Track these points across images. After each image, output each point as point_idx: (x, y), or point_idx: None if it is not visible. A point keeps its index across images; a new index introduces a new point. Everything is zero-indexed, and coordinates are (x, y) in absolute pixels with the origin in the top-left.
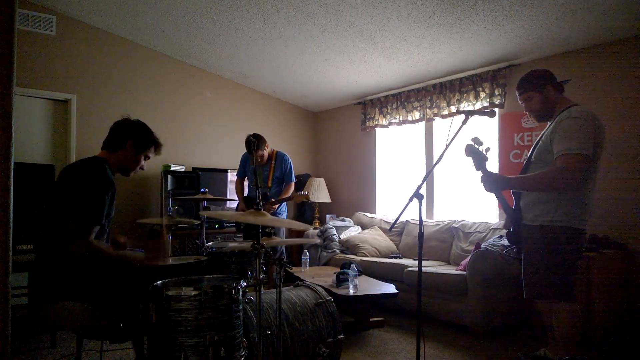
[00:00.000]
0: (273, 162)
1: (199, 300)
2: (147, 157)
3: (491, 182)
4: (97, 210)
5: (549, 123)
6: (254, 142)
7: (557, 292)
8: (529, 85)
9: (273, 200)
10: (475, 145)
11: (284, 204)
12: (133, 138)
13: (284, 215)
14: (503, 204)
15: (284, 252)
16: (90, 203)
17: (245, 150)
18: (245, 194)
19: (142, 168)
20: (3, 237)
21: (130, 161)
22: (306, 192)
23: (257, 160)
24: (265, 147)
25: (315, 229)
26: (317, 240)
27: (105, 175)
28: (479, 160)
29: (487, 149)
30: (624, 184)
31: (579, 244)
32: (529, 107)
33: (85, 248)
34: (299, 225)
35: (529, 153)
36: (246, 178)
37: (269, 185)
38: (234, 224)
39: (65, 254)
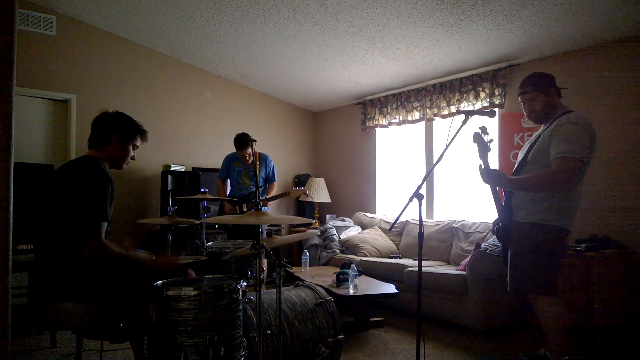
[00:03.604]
0: (258, 162)
1: (199, 300)
2: (135, 147)
3: (490, 177)
4: (102, 207)
5: (543, 126)
6: (253, 141)
7: (540, 286)
8: (534, 86)
9: (268, 197)
10: (482, 134)
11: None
12: (117, 130)
13: None
14: (496, 200)
15: (265, 228)
16: (93, 201)
17: (226, 153)
18: (227, 195)
19: (133, 158)
20: (3, 237)
21: (119, 154)
22: (302, 187)
23: (245, 158)
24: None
25: (315, 229)
26: (317, 240)
27: (102, 171)
28: (483, 149)
29: (491, 140)
30: (624, 184)
31: (564, 242)
32: (531, 107)
33: (99, 249)
34: (301, 220)
35: (525, 152)
36: (228, 180)
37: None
38: (218, 226)
39: (79, 257)
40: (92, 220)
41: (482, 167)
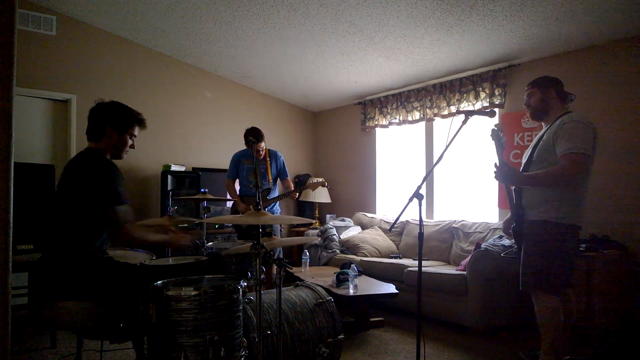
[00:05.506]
0: (268, 159)
1: (199, 300)
2: (133, 136)
3: (505, 174)
4: (114, 192)
5: (543, 125)
6: (254, 141)
7: (550, 284)
8: (534, 83)
9: (292, 190)
10: (499, 132)
11: (277, 203)
12: (111, 122)
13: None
14: (510, 200)
15: (281, 252)
16: (109, 187)
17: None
18: (238, 194)
19: (132, 147)
20: (3, 237)
21: (117, 144)
22: (321, 180)
23: (259, 152)
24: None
25: (315, 229)
26: (317, 240)
27: (104, 159)
28: (499, 147)
29: (505, 140)
30: (624, 184)
31: (577, 239)
32: (527, 102)
33: (134, 230)
34: (301, 220)
35: (530, 153)
36: (237, 178)
37: (270, 180)
38: (231, 226)
39: (122, 243)
40: (108, 206)
41: (497, 165)
